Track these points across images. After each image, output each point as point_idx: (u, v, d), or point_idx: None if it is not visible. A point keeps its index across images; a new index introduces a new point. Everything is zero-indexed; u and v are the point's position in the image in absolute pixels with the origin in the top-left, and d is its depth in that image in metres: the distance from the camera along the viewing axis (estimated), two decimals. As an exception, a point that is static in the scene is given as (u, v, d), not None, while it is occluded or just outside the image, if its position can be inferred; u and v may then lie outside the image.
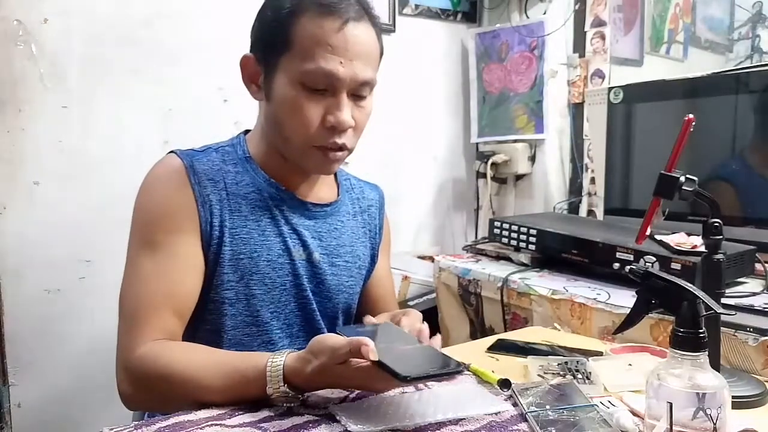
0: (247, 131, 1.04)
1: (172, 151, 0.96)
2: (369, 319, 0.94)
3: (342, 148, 0.91)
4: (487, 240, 1.85)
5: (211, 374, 0.78)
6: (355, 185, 1.13)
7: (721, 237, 0.86)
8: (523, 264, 1.63)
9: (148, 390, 0.82)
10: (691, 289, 0.64)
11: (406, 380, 0.68)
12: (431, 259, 1.87)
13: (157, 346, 0.83)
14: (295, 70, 0.87)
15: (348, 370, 0.71)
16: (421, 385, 0.85)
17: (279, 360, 0.75)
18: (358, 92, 0.90)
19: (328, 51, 0.86)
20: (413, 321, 0.90)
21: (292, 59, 0.87)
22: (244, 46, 0.96)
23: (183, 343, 0.87)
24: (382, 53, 0.96)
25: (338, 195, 1.07)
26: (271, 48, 0.90)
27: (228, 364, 0.78)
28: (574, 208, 2.08)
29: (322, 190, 1.04)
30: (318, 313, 1.00)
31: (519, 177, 2.21)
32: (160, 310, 0.86)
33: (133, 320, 0.85)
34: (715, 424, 0.58)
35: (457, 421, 0.74)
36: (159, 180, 0.93)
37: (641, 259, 1.29)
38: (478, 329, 1.62)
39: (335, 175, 1.10)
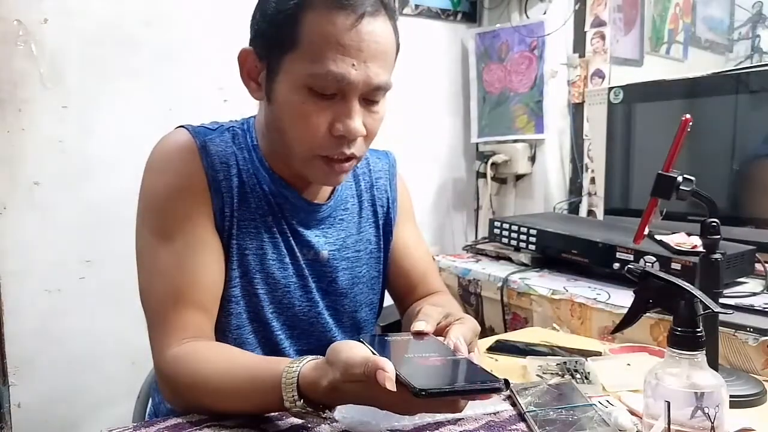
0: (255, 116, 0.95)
1: (181, 126, 0.88)
2: (417, 320, 0.77)
3: (350, 158, 0.82)
4: (487, 240, 1.85)
5: (233, 384, 0.73)
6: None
7: (718, 236, 0.86)
8: (523, 264, 1.63)
9: (179, 395, 0.79)
10: (688, 289, 0.64)
11: (420, 395, 0.56)
12: (431, 258, 1.87)
13: (184, 352, 0.78)
14: (301, 73, 0.77)
15: (365, 391, 0.62)
16: None
17: (295, 368, 0.67)
18: (371, 97, 0.81)
19: (339, 52, 0.75)
20: (465, 332, 0.75)
21: (298, 60, 0.77)
22: (244, 46, 0.94)
23: (210, 348, 0.81)
24: (398, 50, 0.86)
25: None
26: (274, 45, 0.80)
27: (249, 373, 0.73)
28: (574, 208, 2.08)
29: (325, 187, 0.96)
30: (326, 314, 0.95)
31: (519, 177, 2.21)
32: (185, 309, 0.81)
33: (159, 321, 0.81)
34: (713, 423, 0.58)
35: (455, 421, 0.74)
36: (168, 159, 0.85)
37: (641, 259, 1.29)
38: (478, 329, 1.62)
39: None
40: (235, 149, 0.88)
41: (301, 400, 0.66)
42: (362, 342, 0.68)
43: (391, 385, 0.58)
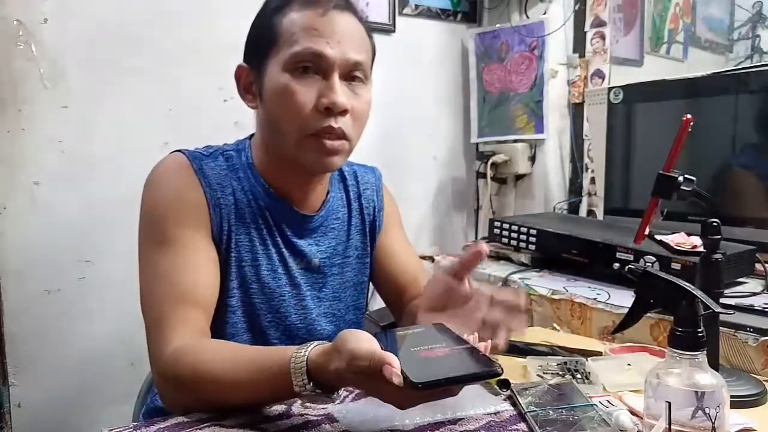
0: (253, 135, 1.00)
1: (177, 150, 0.93)
2: (423, 315, 0.82)
3: (339, 135, 0.86)
4: (487, 240, 1.85)
5: (238, 374, 0.74)
6: (348, 171, 1.09)
7: (719, 236, 0.86)
8: (523, 264, 1.63)
9: (181, 391, 0.79)
10: (689, 289, 0.64)
11: (417, 387, 0.58)
12: (431, 259, 1.87)
13: (185, 346, 0.79)
14: (283, 58, 0.86)
15: (368, 382, 0.63)
16: None
17: (303, 353, 0.68)
18: (351, 74, 0.88)
19: (314, 34, 0.85)
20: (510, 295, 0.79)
21: (280, 49, 0.86)
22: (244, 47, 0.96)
23: (211, 342, 0.83)
24: (374, 51, 0.94)
25: (328, 191, 1.02)
26: (260, 47, 0.89)
27: (254, 362, 0.74)
28: (574, 208, 2.08)
29: (317, 197, 1.00)
30: (322, 321, 0.98)
31: (519, 177, 2.20)
32: (184, 306, 0.83)
33: (158, 321, 0.83)
34: (713, 423, 0.58)
35: (456, 421, 0.74)
36: (168, 175, 0.90)
37: (641, 259, 1.29)
38: (478, 329, 1.62)
39: None
40: (229, 172, 0.93)
41: (311, 383, 0.67)
42: (374, 334, 0.68)
43: (398, 381, 0.59)
